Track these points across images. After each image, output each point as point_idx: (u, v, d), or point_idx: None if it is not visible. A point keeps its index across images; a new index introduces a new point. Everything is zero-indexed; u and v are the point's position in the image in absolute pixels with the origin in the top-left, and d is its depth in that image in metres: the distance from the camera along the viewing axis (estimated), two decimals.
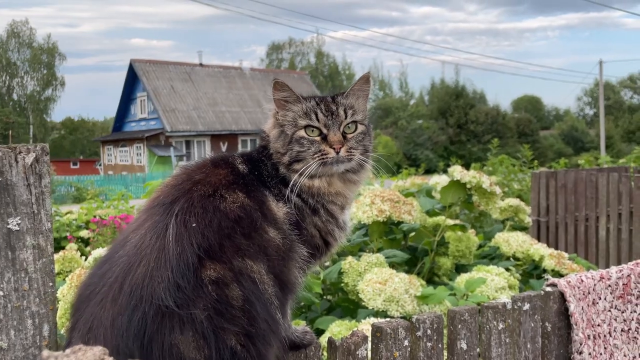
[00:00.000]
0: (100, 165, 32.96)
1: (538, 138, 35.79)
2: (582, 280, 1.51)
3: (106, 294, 0.94)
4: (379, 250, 2.73)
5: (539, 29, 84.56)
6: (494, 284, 2.25)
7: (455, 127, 34.61)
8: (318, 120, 1.16)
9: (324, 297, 2.51)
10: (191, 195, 1.04)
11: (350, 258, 2.35)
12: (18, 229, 0.93)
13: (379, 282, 2.19)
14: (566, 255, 2.78)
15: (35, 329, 0.95)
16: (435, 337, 1.23)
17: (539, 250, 2.81)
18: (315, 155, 1.14)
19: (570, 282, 1.49)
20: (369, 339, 1.19)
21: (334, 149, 1.14)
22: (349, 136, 1.18)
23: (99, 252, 2.94)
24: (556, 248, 5.22)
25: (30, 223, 0.94)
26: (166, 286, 0.93)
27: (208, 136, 28.56)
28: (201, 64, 31.30)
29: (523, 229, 3.75)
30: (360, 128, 1.21)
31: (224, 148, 28.01)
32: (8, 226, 0.92)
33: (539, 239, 5.76)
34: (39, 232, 0.95)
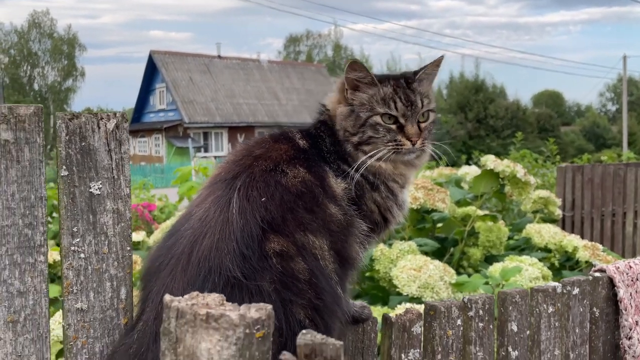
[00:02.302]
0: None
1: (559, 134, 35.28)
2: (630, 267, 1.50)
3: (175, 266, 0.96)
4: (410, 238, 2.73)
5: (561, 23, 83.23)
6: (528, 274, 2.25)
7: (474, 121, 34.28)
8: (397, 109, 1.15)
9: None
10: (252, 170, 1.05)
11: (381, 245, 2.36)
12: (99, 192, 0.96)
13: (414, 268, 2.19)
14: (601, 247, 2.75)
15: (114, 291, 0.98)
16: (487, 318, 1.23)
17: (573, 241, 2.79)
18: (390, 144, 1.13)
19: (619, 268, 1.48)
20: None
21: (410, 140, 1.14)
22: (423, 126, 1.18)
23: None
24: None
25: (111, 188, 0.97)
26: (232, 258, 0.94)
27: (225, 128, 28.71)
28: (219, 56, 31.42)
29: (552, 221, 3.71)
30: (432, 116, 1.21)
31: (240, 139, 28.13)
32: (90, 190, 0.95)
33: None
34: (118, 197, 0.98)
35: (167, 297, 0.53)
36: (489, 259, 2.81)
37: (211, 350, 0.50)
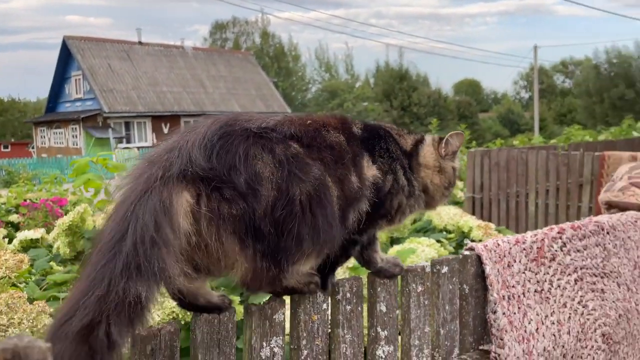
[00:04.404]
0: (33, 148, 31.28)
1: (477, 120, 37.05)
2: (498, 244, 1.57)
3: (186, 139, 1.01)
4: None
5: (479, 15, 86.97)
6: (425, 254, 2.32)
7: (399, 109, 35.23)
8: None
9: None
10: (302, 121, 1.13)
11: None
12: None
13: None
14: (493, 226, 2.90)
15: None
16: (354, 300, 1.24)
17: (468, 222, 2.92)
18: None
19: (487, 246, 1.55)
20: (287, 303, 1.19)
21: None
22: None
23: (24, 235, 2.78)
24: (488, 220, 5.45)
25: None
26: (253, 123, 1.04)
27: (149, 117, 27.66)
28: (140, 42, 30.12)
29: (456, 203, 3.88)
30: None
31: (165, 130, 27.26)
32: None
33: (473, 214, 5.99)
34: None
35: None
36: (394, 242, 2.88)
37: None
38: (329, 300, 1.21)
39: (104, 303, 0.82)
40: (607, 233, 1.88)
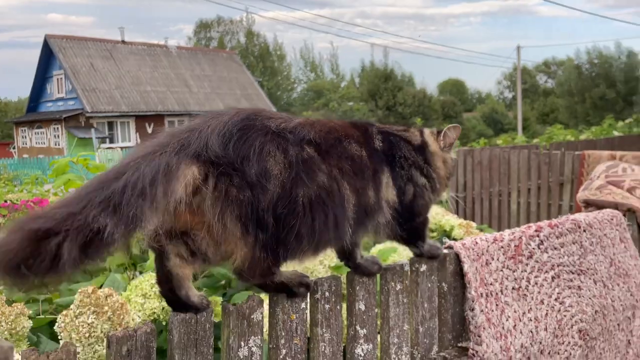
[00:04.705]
0: (14, 148, 30.77)
1: (461, 120, 37.32)
2: (476, 243, 1.59)
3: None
4: None
5: (463, 15, 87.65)
6: (406, 253, 2.33)
7: (384, 109, 35.36)
8: None
9: None
10: (323, 128, 1.16)
11: None
12: None
13: None
14: (474, 224, 2.93)
15: None
16: (333, 299, 1.25)
17: (450, 220, 2.95)
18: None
19: (465, 244, 1.56)
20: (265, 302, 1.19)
21: None
22: None
23: None
24: (464, 218, 5.51)
25: None
26: (273, 122, 1.07)
27: (132, 117, 27.39)
28: (123, 41, 29.82)
29: (439, 203, 3.88)
30: None
31: (149, 129, 27.01)
32: None
33: (457, 214, 6.05)
34: None
35: None
36: (378, 241, 2.89)
37: None
38: (308, 300, 1.22)
39: (70, 219, 0.85)
40: (584, 231, 1.91)
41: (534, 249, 1.71)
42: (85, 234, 0.85)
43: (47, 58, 28.13)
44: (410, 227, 1.30)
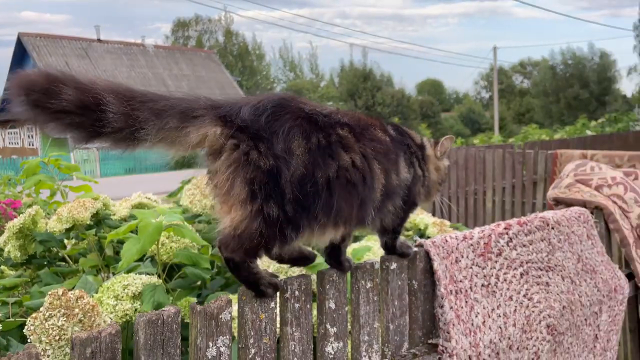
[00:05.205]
0: None
1: (440, 120, 37.73)
2: (446, 241, 1.61)
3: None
4: None
5: (440, 16, 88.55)
6: (381, 251, 2.35)
7: (363, 108, 35.50)
8: None
9: (222, 274, 2.48)
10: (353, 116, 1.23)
11: None
12: None
13: None
14: (448, 223, 2.97)
15: None
16: (303, 298, 1.25)
17: (424, 219, 2.98)
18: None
19: (435, 242, 1.58)
20: (234, 302, 1.19)
21: None
22: None
23: None
24: (449, 220, 5.57)
25: None
26: (308, 106, 1.12)
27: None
28: (99, 40, 29.37)
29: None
30: None
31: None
32: None
33: (434, 213, 6.11)
34: None
35: None
36: (355, 239, 2.91)
37: None
38: (277, 299, 1.22)
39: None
40: (552, 228, 1.95)
41: (503, 246, 1.74)
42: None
43: (21, 57, 27.52)
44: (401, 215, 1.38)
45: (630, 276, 2.35)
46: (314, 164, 1.06)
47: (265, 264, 1.51)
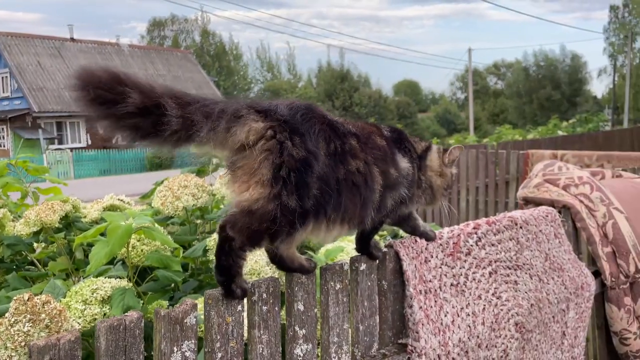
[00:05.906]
0: None
1: (416, 120, 38.08)
2: (415, 241, 1.62)
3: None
4: None
5: (416, 18, 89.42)
6: (354, 252, 2.36)
7: (341, 109, 35.60)
8: None
9: (195, 277, 2.46)
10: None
11: (215, 235, 2.32)
12: None
13: None
14: None
15: None
16: (271, 301, 1.25)
17: None
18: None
19: (404, 242, 1.59)
20: (199, 306, 1.17)
21: None
22: None
23: None
24: (424, 220, 5.62)
25: None
26: (327, 114, 1.22)
27: (82, 117, 26.41)
28: (72, 39, 28.85)
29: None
30: None
31: (101, 130, 26.19)
32: None
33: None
34: None
35: None
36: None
37: None
38: (244, 302, 1.21)
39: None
40: (520, 227, 1.98)
41: (472, 245, 1.76)
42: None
43: None
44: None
45: (596, 274, 2.41)
46: (331, 166, 1.17)
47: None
